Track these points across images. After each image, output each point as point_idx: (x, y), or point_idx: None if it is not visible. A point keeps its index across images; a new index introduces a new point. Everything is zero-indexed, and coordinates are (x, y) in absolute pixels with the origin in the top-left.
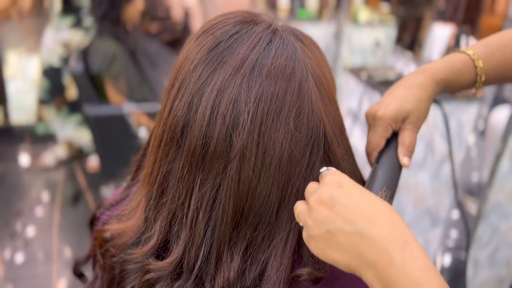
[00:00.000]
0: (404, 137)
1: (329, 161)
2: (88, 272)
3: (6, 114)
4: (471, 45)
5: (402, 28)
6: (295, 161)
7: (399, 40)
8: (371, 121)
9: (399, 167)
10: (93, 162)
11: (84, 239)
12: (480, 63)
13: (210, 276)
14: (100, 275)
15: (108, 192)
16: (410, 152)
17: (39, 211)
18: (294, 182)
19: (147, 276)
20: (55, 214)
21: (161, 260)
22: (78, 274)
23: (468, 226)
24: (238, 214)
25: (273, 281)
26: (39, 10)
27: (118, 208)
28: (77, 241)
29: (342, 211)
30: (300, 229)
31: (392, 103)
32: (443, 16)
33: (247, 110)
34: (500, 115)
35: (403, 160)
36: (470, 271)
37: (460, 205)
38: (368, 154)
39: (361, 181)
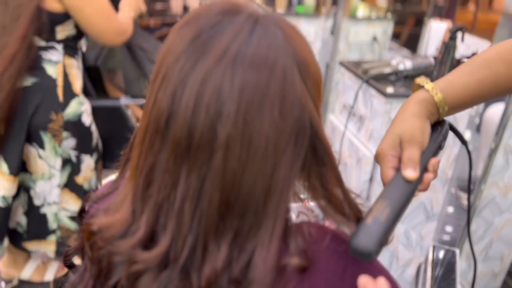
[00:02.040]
0: (403, 155)
1: (315, 149)
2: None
3: None
4: (439, 80)
5: (399, 24)
6: (280, 150)
7: (395, 36)
8: (376, 160)
9: (405, 182)
10: None
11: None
12: (439, 96)
13: (196, 266)
14: (89, 267)
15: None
16: (411, 165)
17: None
18: (280, 171)
19: (134, 268)
20: None
21: (148, 251)
22: (69, 264)
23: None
24: (224, 204)
25: (259, 269)
26: None
27: (106, 202)
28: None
29: None
30: (286, 218)
31: (384, 136)
32: (439, 12)
33: (230, 99)
34: (494, 111)
35: (404, 173)
36: (464, 265)
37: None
38: None
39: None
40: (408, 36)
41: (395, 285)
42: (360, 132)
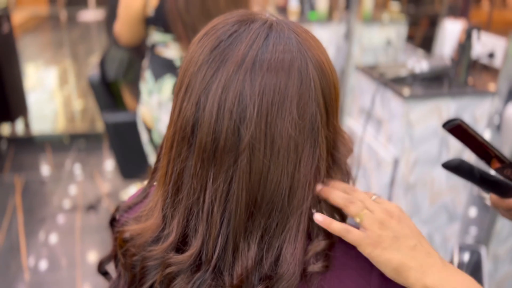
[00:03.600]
0: None
1: (327, 143)
2: (113, 270)
3: (27, 125)
4: None
5: (413, 25)
6: (301, 148)
7: (410, 38)
8: None
9: None
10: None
11: (106, 243)
12: None
13: (228, 265)
14: (123, 273)
15: (126, 196)
16: None
17: (62, 218)
18: (301, 168)
19: (168, 270)
20: (76, 221)
21: (181, 254)
22: (103, 272)
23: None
24: (251, 204)
25: (288, 264)
26: (56, 23)
27: (136, 210)
28: (99, 246)
29: (408, 225)
30: (309, 213)
31: None
32: (453, 12)
33: (252, 103)
34: None
35: None
36: (490, 266)
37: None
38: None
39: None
40: (423, 37)
41: None
42: (379, 134)
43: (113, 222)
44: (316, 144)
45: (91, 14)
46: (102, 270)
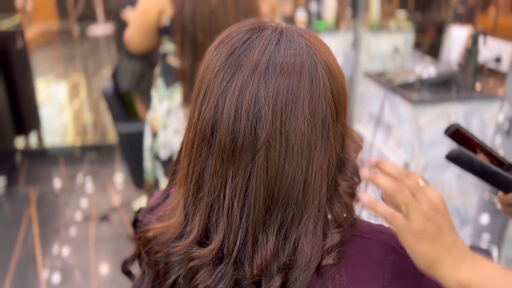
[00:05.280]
0: None
1: (339, 136)
2: (135, 270)
3: (40, 138)
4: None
5: (420, 33)
6: (313, 144)
7: (417, 45)
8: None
9: None
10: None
11: (119, 253)
12: None
13: (248, 257)
14: (147, 271)
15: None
16: None
17: (75, 229)
18: (314, 163)
19: (191, 264)
20: (90, 231)
21: (203, 248)
22: (126, 272)
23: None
24: (268, 198)
25: (305, 255)
26: (67, 38)
27: (158, 211)
28: (113, 255)
29: (448, 221)
30: (325, 206)
31: None
32: (460, 19)
33: (267, 104)
34: None
35: None
36: None
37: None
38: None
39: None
40: (430, 44)
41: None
42: (388, 140)
43: (135, 223)
44: (327, 140)
45: (100, 29)
46: (125, 270)
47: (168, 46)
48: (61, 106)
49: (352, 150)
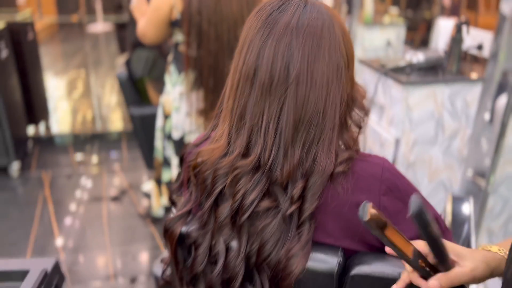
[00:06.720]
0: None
1: (350, 78)
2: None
3: (47, 127)
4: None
5: (411, 30)
6: (330, 81)
7: (408, 42)
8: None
9: None
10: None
11: (131, 230)
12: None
13: (280, 166)
14: (194, 190)
15: (147, 188)
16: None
17: (89, 208)
18: (331, 95)
19: (235, 172)
20: (103, 210)
21: (245, 159)
22: (172, 201)
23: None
24: (296, 121)
25: (321, 164)
26: (68, 35)
27: (203, 146)
28: (125, 232)
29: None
30: (337, 132)
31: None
32: (446, 12)
33: (297, 49)
34: (505, 101)
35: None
36: (485, 240)
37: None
38: None
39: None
40: (420, 41)
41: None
42: (381, 119)
43: (182, 158)
44: (341, 80)
45: (100, 26)
46: (171, 199)
47: (179, 36)
48: (66, 96)
49: (359, 95)
